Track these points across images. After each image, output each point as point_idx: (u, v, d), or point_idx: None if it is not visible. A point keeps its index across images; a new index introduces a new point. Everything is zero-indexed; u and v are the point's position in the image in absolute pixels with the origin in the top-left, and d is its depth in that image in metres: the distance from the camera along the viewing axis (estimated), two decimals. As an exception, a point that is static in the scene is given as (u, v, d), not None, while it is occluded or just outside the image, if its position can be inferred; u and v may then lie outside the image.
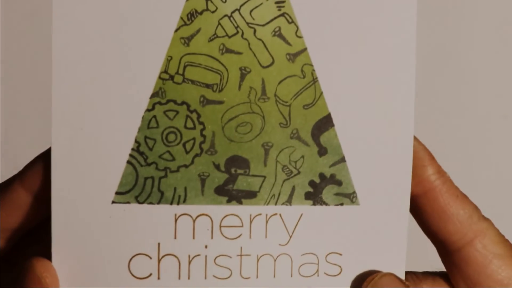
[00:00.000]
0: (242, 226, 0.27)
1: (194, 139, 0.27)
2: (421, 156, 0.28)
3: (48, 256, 0.27)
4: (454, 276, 0.29)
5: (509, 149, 0.58)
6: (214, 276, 0.27)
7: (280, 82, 0.27)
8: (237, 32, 0.27)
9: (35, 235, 0.29)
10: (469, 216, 0.29)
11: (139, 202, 0.27)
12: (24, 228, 0.27)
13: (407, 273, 0.29)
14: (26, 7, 0.57)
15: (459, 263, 0.29)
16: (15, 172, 0.28)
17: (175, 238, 0.27)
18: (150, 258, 0.27)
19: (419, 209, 0.29)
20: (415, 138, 0.28)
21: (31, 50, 0.56)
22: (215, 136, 0.27)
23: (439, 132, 0.57)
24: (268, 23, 0.27)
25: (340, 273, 0.28)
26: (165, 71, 0.27)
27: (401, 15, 0.27)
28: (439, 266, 0.30)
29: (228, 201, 0.27)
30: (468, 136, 0.58)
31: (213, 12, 0.27)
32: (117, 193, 0.27)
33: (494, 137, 0.58)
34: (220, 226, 0.27)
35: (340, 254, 0.28)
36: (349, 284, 0.28)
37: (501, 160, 0.59)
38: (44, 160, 0.27)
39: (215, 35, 0.27)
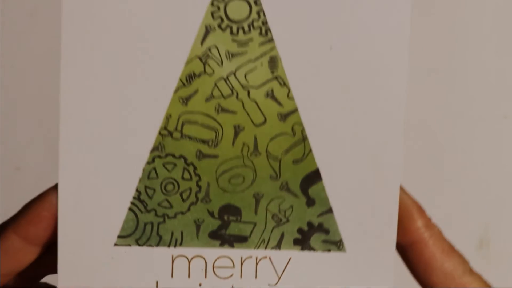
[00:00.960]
0: (233, 267, 0.30)
1: (190, 189, 0.29)
2: (410, 208, 0.30)
3: None
4: None
5: (509, 149, 0.59)
6: None
7: (271, 139, 0.29)
8: (232, 93, 0.29)
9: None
10: (453, 269, 0.30)
11: (139, 245, 0.29)
12: (18, 271, 0.30)
13: None
14: (27, 7, 0.56)
15: None
16: (15, 172, 0.30)
17: (172, 277, 0.30)
18: None
19: (406, 259, 0.30)
20: (405, 191, 0.30)
21: (31, 50, 0.56)
22: (210, 186, 0.29)
23: (439, 132, 0.58)
24: (261, 85, 0.29)
25: None
26: (165, 128, 0.29)
27: (390, 79, 0.29)
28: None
29: (221, 245, 0.30)
30: (468, 136, 0.58)
31: (210, 75, 0.28)
32: (119, 236, 0.29)
33: (494, 137, 0.58)
34: (213, 267, 0.30)
35: None
36: None
37: (501, 160, 0.59)
38: (35, 206, 0.29)
39: (212, 96, 0.29)
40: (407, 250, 0.30)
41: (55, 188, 0.29)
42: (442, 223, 0.56)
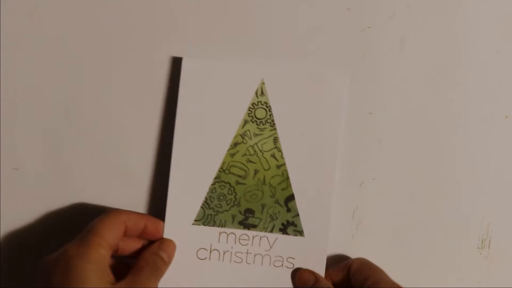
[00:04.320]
0: (248, 239, 0.60)
1: (231, 199, 0.60)
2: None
3: None
4: None
5: (510, 149, 0.58)
6: (234, 261, 0.60)
7: (272, 177, 0.60)
8: (255, 153, 0.59)
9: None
10: None
11: (204, 225, 0.60)
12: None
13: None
14: (27, 7, 0.56)
15: None
16: (13, 172, 0.31)
17: (218, 242, 0.60)
18: (206, 250, 0.60)
19: None
20: None
21: (31, 50, 0.57)
22: (241, 199, 0.60)
23: (439, 132, 0.58)
24: (269, 150, 0.59)
25: (293, 267, 0.61)
26: (221, 168, 0.59)
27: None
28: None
29: (244, 228, 0.60)
30: (468, 136, 0.58)
31: (245, 143, 0.59)
32: (195, 220, 0.60)
33: (494, 137, 0.58)
34: (239, 239, 0.60)
35: (294, 258, 0.61)
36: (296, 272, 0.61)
37: (501, 160, 0.59)
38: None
39: (245, 154, 0.59)
40: None
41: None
42: (442, 223, 0.59)
